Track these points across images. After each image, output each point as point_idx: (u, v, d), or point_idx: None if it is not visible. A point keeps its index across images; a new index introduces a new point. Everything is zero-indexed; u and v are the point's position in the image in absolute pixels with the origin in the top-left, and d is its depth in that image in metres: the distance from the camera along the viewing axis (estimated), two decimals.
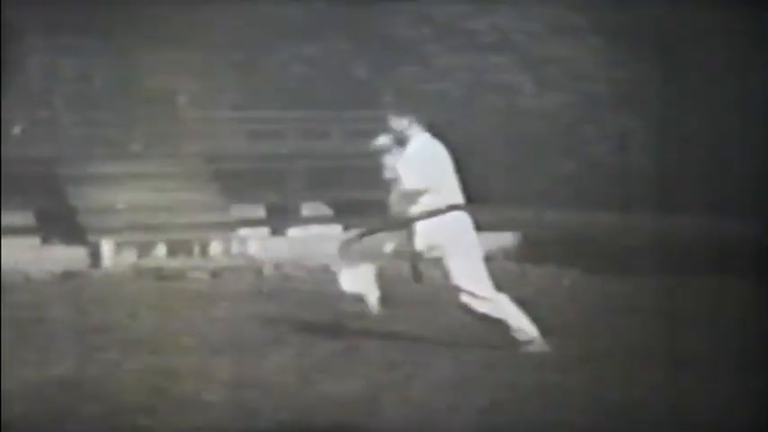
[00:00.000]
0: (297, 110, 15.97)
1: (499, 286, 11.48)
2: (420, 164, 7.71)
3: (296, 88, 16.56)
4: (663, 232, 12.57)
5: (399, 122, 7.86)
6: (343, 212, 15.83)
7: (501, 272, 12.70)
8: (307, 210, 15.58)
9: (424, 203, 7.69)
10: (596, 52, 16.29)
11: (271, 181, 14.97)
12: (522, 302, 10.02)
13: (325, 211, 15.86)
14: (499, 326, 7.62)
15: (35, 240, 14.32)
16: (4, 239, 13.77)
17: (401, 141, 7.86)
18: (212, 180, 15.12)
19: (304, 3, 16.54)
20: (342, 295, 8.02)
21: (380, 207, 16.13)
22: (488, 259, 13.32)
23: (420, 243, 7.71)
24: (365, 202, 15.92)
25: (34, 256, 12.83)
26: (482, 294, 7.61)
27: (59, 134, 15.06)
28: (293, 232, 15.12)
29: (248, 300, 9.90)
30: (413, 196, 7.68)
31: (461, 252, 7.65)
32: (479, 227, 14.25)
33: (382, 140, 7.91)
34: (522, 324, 7.64)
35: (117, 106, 16.08)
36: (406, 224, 7.74)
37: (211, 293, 8.74)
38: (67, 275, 12.26)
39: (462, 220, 7.82)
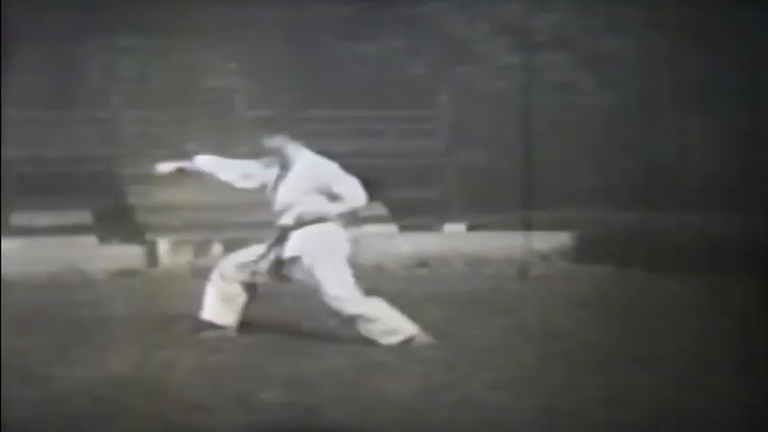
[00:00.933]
0: (352, 109, 15.98)
1: (556, 285, 11.44)
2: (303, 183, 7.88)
3: (351, 87, 16.56)
4: (723, 231, 12.40)
5: (273, 141, 7.91)
6: (399, 212, 15.80)
7: (557, 272, 12.70)
8: (363, 209, 15.55)
9: (295, 212, 7.86)
10: (655, 50, 16.12)
11: None
12: (579, 303, 9.97)
13: (381, 210, 15.84)
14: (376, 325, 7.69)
15: (93, 239, 14.45)
16: (63, 238, 13.93)
17: (283, 164, 7.95)
18: None
19: (360, 1, 16.54)
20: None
21: (436, 206, 16.13)
22: (544, 258, 13.38)
23: (290, 250, 7.82)
24: (420, 201, 15.92)
25: (92, 255, 12.93)
26: (350, 297, 7.72)
27: (118, 133, 15.19)
28: (349, 231, 15.09)
29: (305, 298, 9.88)
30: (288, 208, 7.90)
31: (329, 258, 7.81)
32: (536, 227, 14.22)
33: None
34: (397, 323, 7.70)
35: (174, 106, 16.18)
36: (283, 233, 7.88)
37: (268, 292, 8.76)
38: (125, 274, 12.34)
39: (332, 227, 7.96)
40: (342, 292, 7.74)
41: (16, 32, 15.39)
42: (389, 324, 7.71)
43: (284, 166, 8.01)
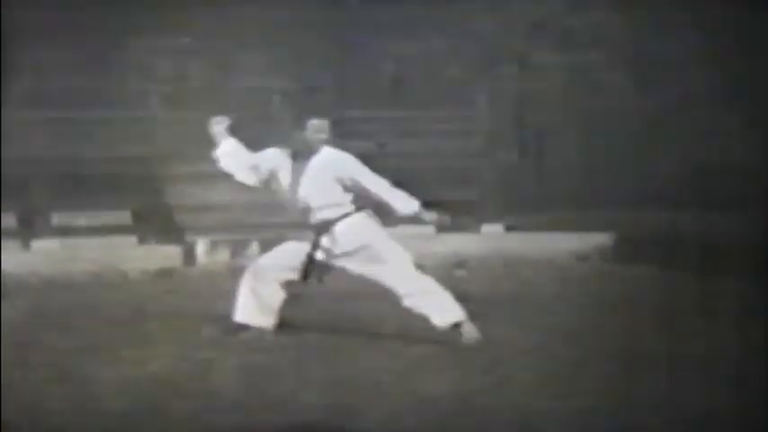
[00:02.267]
0: (389, 109, 15.95)
1: (596, 287, 11.37)
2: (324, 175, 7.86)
3: (388, 88, 16.53)
4: (766, 232, 12.27)
5: (315, 125, 7.85)
6: (437, 212, 15.73)
7: (597, 273, 12.62)
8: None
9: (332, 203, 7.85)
10: (696, 50, 15.97)
11: None
12: (619, 304, 9.90)
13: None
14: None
15: (132, 239, 14.51)
16: (102, 238, 13.99)
17: (299, 155, 7.92)
18: None
19: (397, 1, 16.51)
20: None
21: (473, 206, 16.06)
22: (584, 259, 13.31)
23: (342, 245, 7.79)
24: (458, 202, 15.84)
25: (131, 255, 12.99)
26: (413, 273, 7.83)
27: (156, 134, 15.24)
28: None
29: (342, 298, 9.90)
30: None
31: (385, 249, 7.84)
32: (576, 228, 14.11)
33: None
34: (451, 302, 7.75)
35: (212, 106, 16.20)
36: (324, 227, 7.82)
37: (305, 292, 8.78)
38: (163, 274, 12.39)
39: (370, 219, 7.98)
40: (409, 270, 7.81)
41: (52, 32, 15.49)
42: (445, 300, 7.69)
43: (299, 158, 7.97)
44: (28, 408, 6.06)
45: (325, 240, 7.85)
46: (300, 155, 7.96)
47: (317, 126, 7.97)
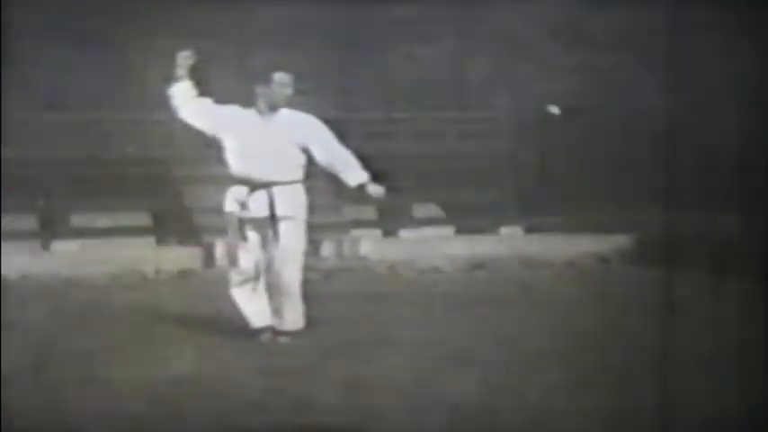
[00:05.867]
0: (409, 110, 15.93)
1: (615, 289, 11.31)
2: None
3: (407, 89, 16.52)
4: None
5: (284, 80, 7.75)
6: (455, 214, 15.73)
7: (616, 274, 12.58)
8: (419, 211, 15.51)
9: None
10: (718, 50, 15.90)
11: (383, 182, 14.91)
12: (638, 306, 9.85)
13: (438, 212, 15.78)
14: None
15: (151, 241, 14.53)
16: (122, 240, 14.01)
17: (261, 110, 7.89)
18: (324, 181, 15.13)
19: (416, 3, 16.50)
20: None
21: (493, 208, 16.01)
22: (603, 261, 13.26)
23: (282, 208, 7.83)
24: (477, 203, 15.83)
25: (150, 256, 13.00)
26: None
27: (175, 135, 15.25)
28: (405, 233, 15.06)
29: (361, 300, 9.88)
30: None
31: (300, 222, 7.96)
32: (595, 229, 14.05)
33: None
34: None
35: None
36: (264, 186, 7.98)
37: (324, 294, 8.78)
38: (181, 275, 12.40)
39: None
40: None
41: (71, 34, 15.54)
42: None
43: (262, 112, 7.79)
44: (47, 409, 6.07)
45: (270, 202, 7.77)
46: (263, 112, 7.88)
47: (281, 80, 7.85)
